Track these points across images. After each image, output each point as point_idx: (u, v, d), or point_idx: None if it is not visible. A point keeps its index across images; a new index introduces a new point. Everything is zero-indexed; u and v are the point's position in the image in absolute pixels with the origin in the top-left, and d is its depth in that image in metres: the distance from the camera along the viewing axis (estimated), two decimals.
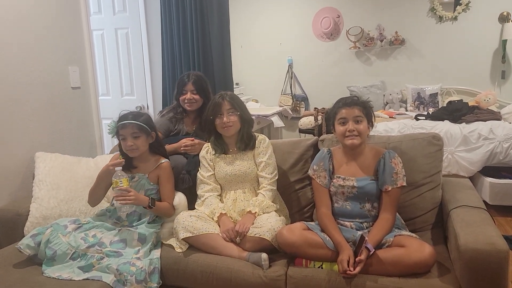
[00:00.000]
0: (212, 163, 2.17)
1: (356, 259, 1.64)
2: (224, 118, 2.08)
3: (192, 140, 2.31)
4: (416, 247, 1.65)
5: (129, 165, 2.05)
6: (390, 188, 1.84)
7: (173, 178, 2.14)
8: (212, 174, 2.16)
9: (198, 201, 2.15)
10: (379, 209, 1.88)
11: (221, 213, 2.03)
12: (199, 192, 2.16)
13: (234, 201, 2.11)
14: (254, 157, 2.15)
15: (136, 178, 2.06)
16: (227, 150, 2.18)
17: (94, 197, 2.08)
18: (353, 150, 1.93)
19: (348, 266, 1.63)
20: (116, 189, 1.89)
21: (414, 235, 1.82)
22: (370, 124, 1.93)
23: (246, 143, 2.15)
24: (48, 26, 2.49)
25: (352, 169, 1.92)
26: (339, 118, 1.90)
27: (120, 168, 1.94)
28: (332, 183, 1.94)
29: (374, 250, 1.66)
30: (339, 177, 1.93)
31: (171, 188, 2.12)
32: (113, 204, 2.06)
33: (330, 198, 1.96)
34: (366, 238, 1.69)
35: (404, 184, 1.86)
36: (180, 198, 2.14)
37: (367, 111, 1.91)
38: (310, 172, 2.03)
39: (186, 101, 2.45)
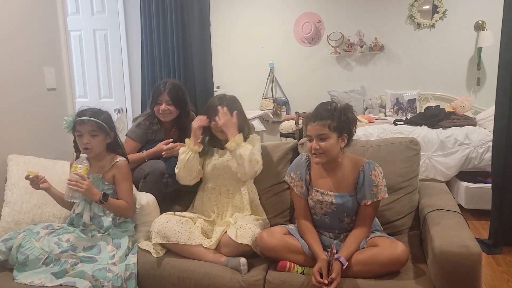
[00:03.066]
0: (201, 160, 2.17)
1: (329, 278, 1.59)
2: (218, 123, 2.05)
3: (172, 143, 2.30)
4: (388, 245, 1.68)
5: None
6: (369, 203, 1.77)
7: (130, 176, 2.06)
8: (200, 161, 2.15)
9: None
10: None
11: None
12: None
13: (218, 197, 2.11)
14: None
15: (90, 179, 1.94)
16: (222, 146, 2.15)
17: (63, 206, 2.04)
18: (329, 163, 1.83)
19: (322, 278, 1.60)
20: (72, 173, 1.83)
21: (387, 235, 1.84)
22: (345, 136, 1.79)
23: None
24: (23, 25, 2.42)
25: (331, 182, 1.83)
26: (307, 134, 1.81)
27: (86, 156, 1.88)
28: (310, 197, 1.87)
29: (347, 263, 1.64)
30: (318, 191, 1.85)
31: (128, 187, 2.02)
32: (74, 211, 2.01)
33: (309, 208, 1.91)
34: (334, 250, 1.67)
35: (386, 196, 1.80)
36: (148, 199, 2.09)
37: (338, 124, 1.75)
38: (287, 178, 1.96)
39: (160, 111, 2.37)
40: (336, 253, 1.68)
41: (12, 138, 2.35)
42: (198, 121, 2.10)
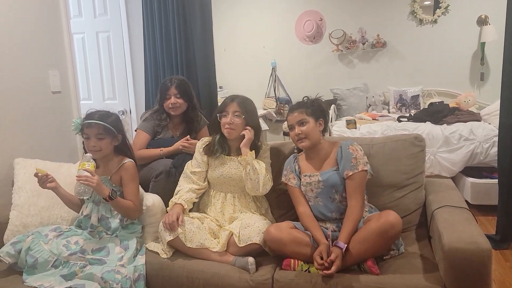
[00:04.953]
0: (206, 160, 2.15)
1: (328, 259, 1.67)
2: (228, 119, 2.06)
3: (188, 140, 2.34)
4: (379, 215, 1.75)
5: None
6: (351, 173, 1.86)
7: (137, 178, 2.07)
8: (201, 171, 2.13)
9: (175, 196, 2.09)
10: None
11: (176, 203, 2.02)
12: (178, 184, 2.14)
13: (223, 203, 2.10)
14: None
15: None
16: (229, 152, 2.15)
17: (70, 207, 2.05)
18: (312, 149, 1.99)
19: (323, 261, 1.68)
20: (81, 169, 1.84)
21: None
22: (321, 121, 1.99)
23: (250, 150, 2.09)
24: (28, 29, 2.43)
25: (316, 165, 1.99)
26: (288, 125, 2.02)
27: (91, 155, 1.90)
28: (301, 183, 1.99)
29: (346, 245, 1.71)
30: (306, 175, 1.98)
31: (135, 189, 2.03)
32: (82, 213, 2.02)
33: (304, 195, 2.00)
34: (329, 233, 1.77)
35: (366, 168, 1.88)
36: (154, 200, 2.09)
37: (312, 110, 1.97)
38: (283, 178, 2.07)
39: (170, 105, 2.43)
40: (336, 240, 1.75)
41: (18, 141, 2.36)
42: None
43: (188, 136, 2.41)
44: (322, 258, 1.69)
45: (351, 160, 1.88)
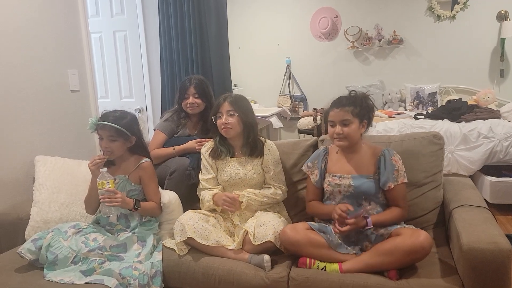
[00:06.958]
0: (214, 164, 2.16)
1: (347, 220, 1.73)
2: (223, 119, 2.07)
3: (206, 140, 2.35)
4: (411, 233, 1.69)
5: (109, 162, 2.01)
6: (392, 186, 1.84)
7: (156, 177, 2.10)
8: (213, 177, 2.15)
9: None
10: (377, 208, 1.88)
11: (213, 195, 2.05)
12: (201, 194, 2.15)
13: None
14: (262, 164, 2.13)
15: (116, 180, 2.00)
16: (234, 153, 2.15)
17: (89, 203, 2.05)
18: (348, 148, 1.93)
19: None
20: (102, 190, 1.86)
21: (411, 226, 1.84)
22: (365, 122, 1.89)
23: (252, 148, 2.11)
24: (47, 30, 2.48)
25: (348, 167, 1.92)
26: (329, 120, 1.91)
27: (106, 169, 1.90)
28: (328, 182, 1.94)
29: (372, 226, 1.73)
30: (335, 176, 1.92)
31: (155, 187, 2.08)
32: (100, 211, 2.04)
33: (323, 196, 2.00)
34: (364, 214, 1.79)
35: (405, 181, 1.87)
36: (170, 197, 2.11)
37: (360, 110, 1.86)
38: (304, 168, 2.05)
39: (188, 105, 2.45)
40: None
41: (38, 139, 2.41)
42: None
43: (203, 139, 2.42)
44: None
45: (393, 172, 1.85)
